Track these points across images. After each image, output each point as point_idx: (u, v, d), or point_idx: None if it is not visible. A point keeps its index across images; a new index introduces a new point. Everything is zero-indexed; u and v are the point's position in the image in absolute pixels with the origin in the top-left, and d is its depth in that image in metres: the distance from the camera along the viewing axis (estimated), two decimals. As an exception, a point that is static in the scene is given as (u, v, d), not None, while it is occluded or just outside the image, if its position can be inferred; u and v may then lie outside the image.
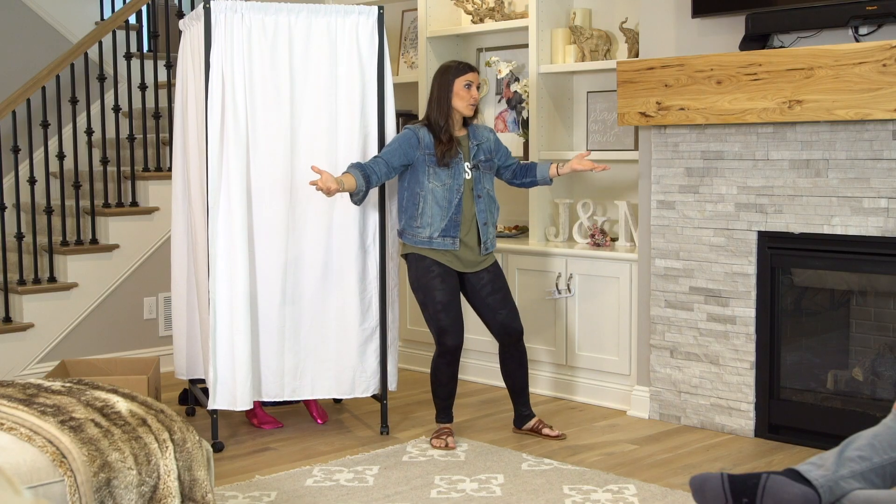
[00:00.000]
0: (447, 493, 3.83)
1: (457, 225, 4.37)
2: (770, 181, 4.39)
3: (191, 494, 2.95)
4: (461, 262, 4.43)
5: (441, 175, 4.36)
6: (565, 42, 5.41)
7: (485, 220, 4.42)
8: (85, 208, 5.94)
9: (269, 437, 4.61)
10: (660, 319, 4.77)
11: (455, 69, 4.42)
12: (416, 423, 4.78)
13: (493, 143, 4.53)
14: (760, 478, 2.87)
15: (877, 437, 2.91)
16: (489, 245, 4.45)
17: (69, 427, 2.83)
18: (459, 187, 4.38)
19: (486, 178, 4.47)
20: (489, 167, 4.49)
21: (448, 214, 4.36)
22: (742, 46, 4.41)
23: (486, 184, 4.46)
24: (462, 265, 4.44)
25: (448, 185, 4.36)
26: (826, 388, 4.46)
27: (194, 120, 4.51)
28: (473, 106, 4.43)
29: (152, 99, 6.30)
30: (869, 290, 4.42)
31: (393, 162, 4.35)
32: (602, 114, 5.38)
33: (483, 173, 4.45)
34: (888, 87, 3.91)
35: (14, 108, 5.51)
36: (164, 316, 6.05)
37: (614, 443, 4.49)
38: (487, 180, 4.47)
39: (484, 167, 4.46)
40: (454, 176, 4.37)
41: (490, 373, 5.52)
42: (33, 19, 6.53)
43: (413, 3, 6.15)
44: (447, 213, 4.36)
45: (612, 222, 5.35)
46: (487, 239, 4.44)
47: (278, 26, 4.38)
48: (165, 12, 6.33)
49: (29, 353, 5.58)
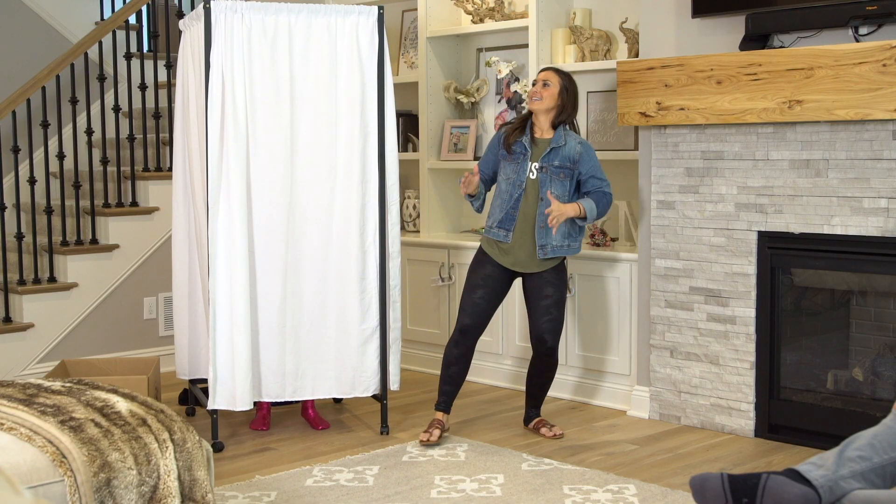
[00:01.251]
0: (447, 493, 3.83)
1: (512, 219, 4.43)
2: (770, 181, 4.39)
3: (191, 494, 2.95)
4: (513, 260, 4.46)
5: (507, 170, 4.48)
6: (565, 42, 5.41)
7: (542, 223, 4.41)
8: (85, 208, 5.94)
9: (269, 437, 4.61)
10: (660, 319, 4.77)
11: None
12: (417, 423, 4.77)
13: (579, 155, 4.45)
14: (760, 478, 2.87)
15: (877, 437, 2.91)
16: (548, 250, 4.43)
17: (69, 427, 2.83)
18: (521, 184, 4.42)
19: (557, 184, 4.42)
20: (562, 175, 4.42)
21: (506, 208, 4.45)
22: (742, 46, 4.41)
23: (556, 189, 4.41)
24: (514, 263, 4.47)
25: (511, 180, 4.45)
26: (826, 388, 4.46)
27: (195, 120, 4.51)
28: (533, 100, 4.48)
29: (152, 99, 6.30)
30: (869, 290, 4.42)
31: (486, 171, 4.58)
32: (602, 114, 5.38)
33: (552, 178, 4.42)
34: (888, 87, 3.91)
35: (14, 108, 5.51)
36: (165, 316, 6.05)
37: (614, 443, 4.48)
38: (557, 187, 4.42)
39: (554, 172, 4.42)
40: (518, 172, 4.45)
41: (490, 373, 5.52)
42: (33, 19, 6.53)
43: (413, 3, 6.15)
44: (506, 205, 4.45)
45: (612, 222, 5.35)
46: (546, 243, 4.42)
47: (278, 26, 4.38)
48: (165, 12, 6.33)
49: (29, 353, 5.58)
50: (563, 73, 4.54)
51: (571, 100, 4.50)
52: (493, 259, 4.49)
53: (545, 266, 4.48)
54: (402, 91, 6.11)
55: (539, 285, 4.48)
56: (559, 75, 4.51)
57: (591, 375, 5.12)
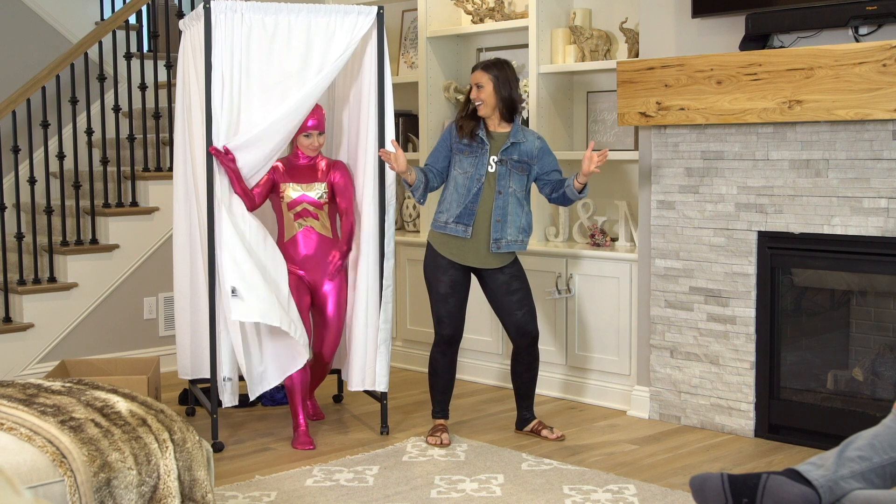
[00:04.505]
0: (447, 493, 3.83)
1: (471, 214, 4.38)
2: (770, 181, 4.39)
3: (191, 494, 2.95)
4: (473, 256, 4.43)
5: (464, 164, 4.41)
6: (565, 42, 5.41)
7: (499, 217, 4.39)
8: (85, 208, 5.94)
9: (269, 437, 4.61)
10: (660, 319, 4.77)
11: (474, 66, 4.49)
12: (416, 423, 4.78)
13: (537, 151, 4.45)
14: (760, 478, 2.87)
15: (877, 437, 2.90)
16: (502, 244, 4.40)
17: (69, 427, 2.83)
18: (480, 177, 4.38)
19: (515, 178, 4.41)
20: (521, 169, 4.41)
21: (464, 202, 4.39)
22: (742, 46, 4.41)
23: (513, 184, 4.41)
24: (474, 259, 4.43)
25: (469, 174, 4.39)
26: (826, 388, 4.46)
27: (195, 120, 4.51)
28: (477, 105, 4.41)
29: (152, 99, 6.30)
30: (869, 290, 4.42)
31: (436, 164, 4.48)
32: (602, 114, 5.38)
33: (511, 172, 4.40)
34: (888, 87, 3.91)
35: (14, 108, 5.51)
36: (165, 316, 6.05)
37: (614, 443, 4.49)
38: (516, 181, 4.41)
39: (514, 166, 4.41)
40: (476, 166, 4.39)
41: (490, 373, 5.52)
42: (33, 19, 6.53)
43: (413, 3, 6.15)
44: (464, 200, 4.39)
45: (612, 222, 5.35)
46: (501, 237, 4.40)
47: (278, 26, 4.38)
48: (165, 12, 6.32)
49: (29, 353, 5.58)
50: (489, 65, 4.43)
51: (510, 86, 4.41)
52: (451, 261, 4.43)
53: (504, 261, 4.46)
54: (402, 91, 6.11)
55: (504, 282, 4.45)
56: (486, 71, 4.41)
57: (592, 375, 5.12)
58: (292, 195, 4.49)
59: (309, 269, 4.53)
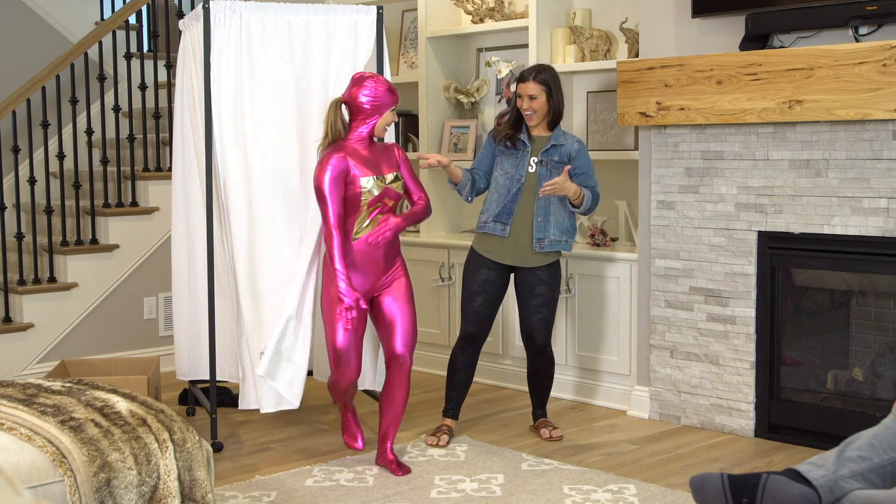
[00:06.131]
0: (447, 493, 3.83)
1: (509, 213, 4.41)
2: (770, 181, 4.39)
3: (191, 494, 2.95)
4: (510, 254, 4.44)
5: (505, 165, 4.44)
6: (565, 42, 5.41)
7: (541, 217, 4.40)
8: (85, 208, 5.94)
9: (269, 437, 4.61)
10: (660, 319, 4.77)
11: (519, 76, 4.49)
12: (417, 424, 4.78)
13: (575, 152, 4.45)
14: (760, 478, 2.87)
15: (877, 437, 2.91)
16: (545, 244, 4.41)
17: (69, 427, 2.83)
18: (520, 178, 4.41)
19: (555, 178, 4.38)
20: (561, 171, 4.37)
21: (503, 202, 4.42)
22: (742, 46, 4.41)
23: None
24: (511, 257, 4.44)
25: (510, 175, 4.42)
26: (826, 388, 4.46)
27: (195, 120, 4.51)
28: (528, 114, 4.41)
29: (152, 99, 6.30)
30: (869, 290, 4.42)
31: (482, 167, 4.52)
32: (602, 114, 5.38)
33: (551, 173, 4.40)
34: (888, 87, 3.91)
35: (14, 108, 5.51)
36: (165, 316, 6.05)
37: (614, 443, 4.49)
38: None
39: (554, 167, 4.42)
40: (517, 167, 4.43)
41: (490, 373, 5.52)
42: (33, 19, 6.53)
43: (413, 3, 6.15)
44: (503, 199, 4.42)
45: (612, 222, 5.35)
46: (544, 237, 4.41)
47: (277, 26, 4.38)
48: (165, 12, 6.32)
49: (29, 353, 5.58)
50: (540, 75, 4.40)
51: (559, 95, 4.44)
52: (488, 259, 4.46)
53: (541, 261, 4.46)
54: (402, 91, 6.11)
55: (532, 283, 4.47)
56: (539, 83, 4.39)
57: (592, 375, 5.12)
58: (375, 192, 4.13)
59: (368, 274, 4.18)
